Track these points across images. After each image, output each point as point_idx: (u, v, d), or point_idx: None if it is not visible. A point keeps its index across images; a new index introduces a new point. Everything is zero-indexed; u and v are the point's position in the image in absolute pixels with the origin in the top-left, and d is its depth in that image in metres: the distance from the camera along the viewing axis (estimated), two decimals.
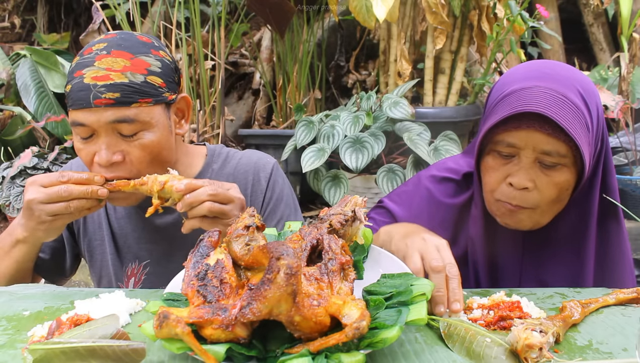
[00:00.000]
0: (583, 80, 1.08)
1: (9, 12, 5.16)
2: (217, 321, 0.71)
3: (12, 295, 1.06)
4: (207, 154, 1.34)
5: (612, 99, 2.90)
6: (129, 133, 1.09)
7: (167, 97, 1.14)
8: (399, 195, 1.33)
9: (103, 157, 1.09)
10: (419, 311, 0.75)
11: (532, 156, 1.05)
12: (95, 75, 1.07)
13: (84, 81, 1.07)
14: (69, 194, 1.06)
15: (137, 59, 1.10)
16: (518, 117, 1.03)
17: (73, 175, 1.07)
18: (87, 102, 1.06)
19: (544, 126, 1.02)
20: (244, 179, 1.31)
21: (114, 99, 1.06)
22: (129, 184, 1.08)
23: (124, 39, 1.12)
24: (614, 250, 1.19)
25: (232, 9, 3.97)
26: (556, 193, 1.07)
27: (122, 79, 1.07)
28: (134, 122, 1.09)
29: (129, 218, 1.31)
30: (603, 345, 0.83)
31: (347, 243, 0.90)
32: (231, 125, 3.92)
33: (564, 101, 1.02)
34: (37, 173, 3.26)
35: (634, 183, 2.86)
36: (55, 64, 3.65)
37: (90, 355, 0.72)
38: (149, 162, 1.13)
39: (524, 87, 1.05)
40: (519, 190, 1.06)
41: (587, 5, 4.36)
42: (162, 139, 1.13)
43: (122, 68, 1.08)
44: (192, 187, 1.05)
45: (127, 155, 1.11)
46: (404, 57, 3.12)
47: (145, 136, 1.11)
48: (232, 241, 0.84)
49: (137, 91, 1.08)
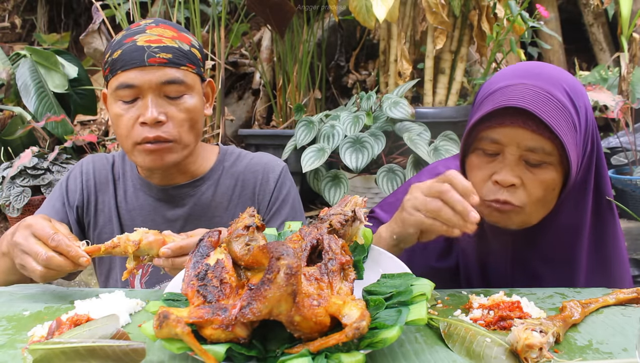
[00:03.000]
0: (571, 80, 1.08)
1: (9, 12, 5.16)
2: (217, 321, 0.71)
3: (12, 295, 1.06)
4: (220, 152, 1.39)
5: (612, 99, 2.90)
6: (176, 94, 1.18)
7: (202, 72, 1.26)
8: (389, 204, 1.32)
9: (149, 116, 1.15)
10: (419, 311, 0.75)
11: (516, 153, 1.03)
12: (149, 39, 1.17)
13: (137, 44, 1.16)
14: (47, 263, 0.99)
15: (181, 34, 1.23)
16: (502, 113, 1.02)
17: (61, 243, 0.99)
18: (141, 61, 1.15)
19: (527, 122, 1.01)
20: (253, 178, 1.35)
21: (167, 59, 1.16)
22: (100, 249, 1.02)
23: (166, 21, 1.25)
24: (610, 253, 1.18)
25: (232, 9, 3.97)
26: (542, 192, 1.05)
27: (172, 44, 1.18)
28: (182, 84, 1.18)
29: (140, 210, 1.33)
30: (603, 345, 0.83)
31: (347, 243, 0.90)
32: (231, 125, 3.93)
33: (549, 98, 1.01)
34: (37, 173, 3.27)
35: (634, 183, 2.86)
36: (55, 64, 3.65)
37: (90, 355, 0.72)
38: (189, 127, 1.21)
39: (510, 85, 1.05)
40: (505, 187, 1.05)
41: (587, 5, 4.36)
42: (200, 107, 1.23)
43: (172, 37, 1.20)
44: (179, 253, 1.01)
45: (170, 119, 1.18)
46: (404, 57, 3.12)
47: (188, 100, 1.20)
48: (232, 241, 0.84)
49: (186, 56, 1.20)
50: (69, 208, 1.33)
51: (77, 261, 0.99)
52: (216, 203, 1.32)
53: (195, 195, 1.32)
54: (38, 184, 3.27)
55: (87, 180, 1.35)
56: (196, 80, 1.22)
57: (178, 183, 1.31)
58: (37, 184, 3.27)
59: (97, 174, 1.36)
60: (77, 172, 1.37)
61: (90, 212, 1.35)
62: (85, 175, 1.36)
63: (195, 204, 1.31)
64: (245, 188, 1.34)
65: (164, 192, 1.31)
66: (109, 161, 1.38)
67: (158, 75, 1.16)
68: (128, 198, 1.34)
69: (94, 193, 1.34)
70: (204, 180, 1.33)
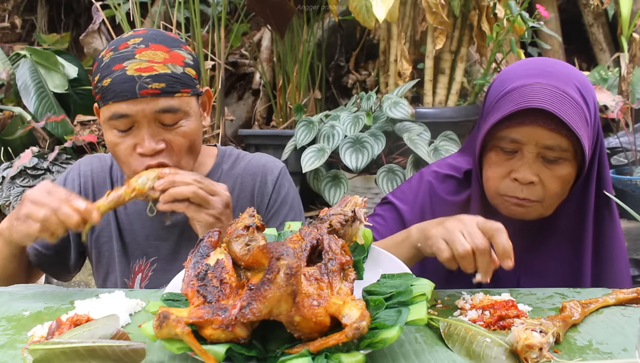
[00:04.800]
0: (580, 76, 1.12)
1: (9, 12, 5.16)
2: (217, 321, 0.71)
3: (12, 295, 1.06)
4: (218, 154, 1.37)
5: (612, 99, 2.90)
6: (171, 122, 1.14)
7: (198, 88, 1.20)
8: (402, 191, 1.35)
9: (148, 146, 1.12)
10: (419, 311, 0.75)
11: (534, 151, 1.08)
12: (139, 67, 1.10)
13: (127, 73, 1.10)
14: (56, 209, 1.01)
15: (173, 52, 1.15)
16: (521, 113, 1.06)
17: (74, 199, 1.03)
18: (133, 93, 1.09)
19: (546, 122, 1.05)
20: (252, 180, 1.34)
21: (160, 88, 1.11)
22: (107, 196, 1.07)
23: (156, 34, 1.17)
24: (609, 241, 1.21)
25: (232, 9, 3.97)
26: (560, 186, 1.10)
27: (164, 70, 1.11)
28: (177, 112, 1.13)
29: (138, 215, 1.32)
30: (603, 345, 0.83)
31: (347, 243, 0.90)
32: (231, 125, 3.92)
33: (564, 97, 1.05)
34: (37, 173, 3.27)
35: (634, 183, 2.86)
36: (55, 64, 3.65)
37: (90, 355, 0.72)
38: (187, 149, 1.17)
39: (525, 84, 1.08)
40: (524, 185, 1.09)
41: (587, 5, 4.35)
42: (198, 128, 1.19)
43: (163, 60, 1.12)
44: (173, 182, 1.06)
45: (168, 144, 1.15)
46: (404, 57, 3.12)
47: (185, 124, 1.15)
48: (232, 241, 0.84)
49: (179, 81, 1.13)
50: None
51: (90, 215, 1.01)
52: None
53: None
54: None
55: (85, 182, 1.34)
56: (192, 102, 1.17)
57: None
58: (37, 184, 3.27)
59: (95, 176, 1.35)
60: (75, 174, 1.36)
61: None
62: (83, 177, 1.35)
63: None
64: (243, 191, 1.33)
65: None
66: (107, 163, 1.37)
67: (151, 105, 1.11)
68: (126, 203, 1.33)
69: (92, 195, 1.33)
70: None
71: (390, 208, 1.33)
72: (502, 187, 1.12)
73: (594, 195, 1.17)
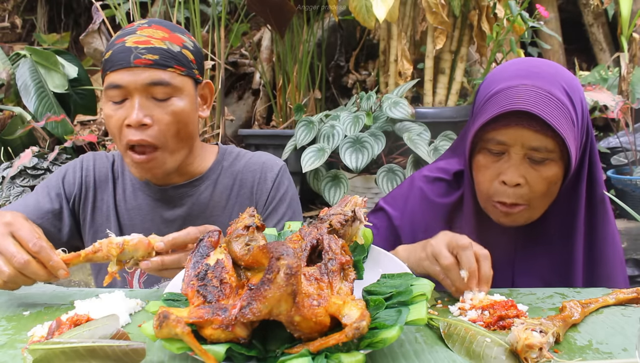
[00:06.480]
0: (567, 76, 1.13)
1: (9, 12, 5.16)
2: (217, 321, 0.71)
3: (12, 295, 1.06)
4: (219, 151, 1.39)
5: (612, 99, 2.90)
6: (163, 96, 1.16)
7: (195, 73, 1.23)
8: (393, 197, 1.36)
9: (134, 118, 1.14)
10: (419, 311, 0.75)
11: (521, 153, 1.09)
12: (137, 40, 1.16)
13: (125, 45, 1.16)
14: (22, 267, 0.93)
15: (174, 34, 1.21)
16: (507, 115, 1.07)
17: (43, 250, 0.94)
18: (127, 62, 1.14)
19: (531, 123, 1.06)
20: (251, 176, 1.35)
21: (152, 60, 1.15)
22: (80, 256, 0.97)
23: (163, 21, 1.25)
24: (602, 240, 1.22)
25: (232, 9, 3.97)
26: (546, 187, 1.11)
27: (161, 45, 1.17)
28: (168, 85, 1.16)
29: (138, 210, 1.33)
30: (603, 345, 0.83)
31: (347, 243, 0.90)
32: (231, 125, 3.92)
33: (549, 98, 1.06)
34: (37, 173, 3.27)
35: (634, 183, 2.86)
36: (55, 64, 3.65)
37: (90, 355, 0.72)
38: (175, 131, 1.19)
39: (511, 86, 1.09)
40: (511, 187, 1.10)
41: (587, 5, 4.35)
42: (190, 111, 1.21)
43: (162, 38, 1.18)
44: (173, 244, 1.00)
45: (156, 122, 1.16)
46: (405, 57, 3.12)
47: (176, 103, 1.18)
48: (232, 241, 0.84)
49: (174, 58, 1.18)
50: (65, 199, 1.32)
51: (56, 272, 0.94)
52: (214, 202, 1.32)
53: (193, 195, 1.32)
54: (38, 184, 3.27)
55: (87, 175, 1.35)
56: (186, 83, 1.20)
57: (177, 184, 1.31)
58: (37, 184, 3.27)
59: (98, 171, 1.36)
60: (77, 166, 1.36)
61: (87, 209, 1.34)
62: (85, 170, 1.36)
63: (194, 204, 1.31)
64: (243, 188, 1.34)
65: (163, 192, 1.31)
66: (110, 160, 1.38)
67: (144, 76, 1.15)
68: (127, 197, 1.34)
69: (93, 189, 1.34)
70: (203, 180, 1.33)
71: (381, 215, 1.34)
72: (492, 191, 1.14)
73: (585, 194, 1.17)
